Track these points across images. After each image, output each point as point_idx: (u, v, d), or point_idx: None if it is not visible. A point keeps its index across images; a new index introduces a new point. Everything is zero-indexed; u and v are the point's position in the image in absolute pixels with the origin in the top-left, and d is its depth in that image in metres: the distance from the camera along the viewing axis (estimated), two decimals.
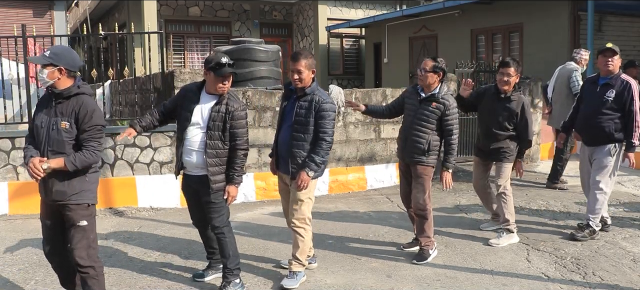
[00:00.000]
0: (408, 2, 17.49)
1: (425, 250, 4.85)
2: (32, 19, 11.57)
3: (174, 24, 16.49)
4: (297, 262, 4.33)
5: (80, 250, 3.49)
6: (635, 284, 4.31)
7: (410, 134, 4.80)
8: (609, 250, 5.05)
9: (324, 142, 4.15)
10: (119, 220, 6.31)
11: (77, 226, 3.49)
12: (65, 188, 3.45)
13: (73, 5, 17.36)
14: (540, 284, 4.32)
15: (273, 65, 8.49)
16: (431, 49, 14.30)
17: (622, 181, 7.87)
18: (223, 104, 3.99)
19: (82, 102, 3.46)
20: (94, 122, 3.45)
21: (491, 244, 5.23)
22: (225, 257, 4.15)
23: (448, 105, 4.71)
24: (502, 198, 5.34)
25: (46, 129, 3.46)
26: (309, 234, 4.35)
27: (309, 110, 4.15)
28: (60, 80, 3.45)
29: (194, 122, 4.02)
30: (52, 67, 3.44)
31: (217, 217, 4.11)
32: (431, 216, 4.90)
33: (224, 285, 4.14)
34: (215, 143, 3.99)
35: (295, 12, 18.01)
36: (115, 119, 9.05)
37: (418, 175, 4.83)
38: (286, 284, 4.26)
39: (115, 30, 9.06)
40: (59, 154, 3.41)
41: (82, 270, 3.51)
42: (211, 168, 3.99)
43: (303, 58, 4.16)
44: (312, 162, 4.14)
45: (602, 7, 10.80)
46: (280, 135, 4.36)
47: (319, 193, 7.58)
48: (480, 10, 12.54)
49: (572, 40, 10.78)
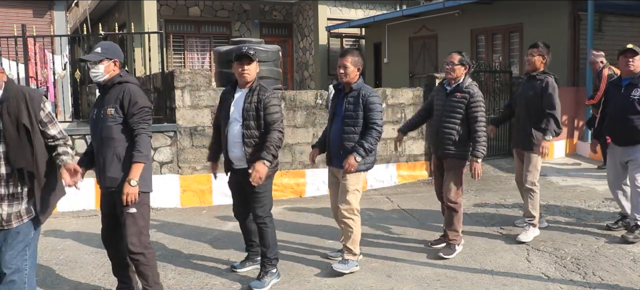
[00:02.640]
0: (408, 2, 17.48)
1: (452, 244, 4.96)
2: (32, 19, 11.56)
3: (174, 24, 16.48)
4: (349, 251, 4.52)
5: (132, 236, 3.65)
6: (635, 284, 4.31)
7: (440, 127, 4.93)
8: (609, 250, 5.05)
9: (373, 130, 4.35)
10: None
11: (128, 213, 3.63)
12: (117, 175, 3.61)
13: (73, 5, 17.34)
14: (540, 284, 4.32)
15: (273, 65, 8.48)
16: (431, 49, 14.29)
17: None
18: (254, 94, 4.18)
19: (125, 89, 3.63)
20: (140, 104, 3.61)
21: (521, 239, 5.27)
22: (265, 246, 4.31)
23: (472, 93, 4.82)
24: (529, 194, 5.38)
25: (96, 119, 3.69)
26: (358, 224, 4.53)
27: (357, 105, 4.38)
28: (114, 72, 3.67)
29: (231, 117, 4.24)
30: (107, 61, 3.65)
31: (259, 206, 4.27)
32: (461, 210, 5.00)
33: (261, 274, 4.30)
34: (252, 132, 4.17)
35: (295, 12, 18.00)
36: None
37: (449, 168, 4.93)
38: (336, 267, 4.47)
39: (115, 30, 9.07)
40: (109, 140, 3.60)
41: (133, 257, 3.69)
42: (251, 158, 4.14)
43: (350, 55, 4.47)
44: (360, 147, 4.32)
45: (602, 7, 10.78)
46: (331, 131, 4.59)
47: (319, 193, 7.59)
48: (480, 10, 12.53)
49: (572, 40, 10.77)
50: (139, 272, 3.75)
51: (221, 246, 5.34)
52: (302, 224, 6.10)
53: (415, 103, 8.35)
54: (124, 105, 3.58)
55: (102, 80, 3.66)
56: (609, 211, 6.35)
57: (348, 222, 4.47)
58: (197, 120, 7.16)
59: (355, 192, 4.46)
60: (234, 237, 5.58)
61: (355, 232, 4.50)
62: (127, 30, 13.69)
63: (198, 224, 6.15)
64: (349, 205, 4.45)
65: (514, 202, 6.85)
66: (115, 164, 3.61)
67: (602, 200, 6.83)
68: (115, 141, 3.60)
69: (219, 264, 4.81)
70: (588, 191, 7.38)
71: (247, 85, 4.24)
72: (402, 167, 8.34)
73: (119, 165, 3.61)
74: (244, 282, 4.39)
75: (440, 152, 4.99)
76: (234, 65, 4.26)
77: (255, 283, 4.27)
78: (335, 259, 4.80)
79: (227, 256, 5.01)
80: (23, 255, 3.16)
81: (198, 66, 16.45)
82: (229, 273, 4.60)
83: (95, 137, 3.72)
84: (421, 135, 8.50)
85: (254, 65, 4.24)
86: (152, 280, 3.78)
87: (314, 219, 6.27)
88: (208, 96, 7.18)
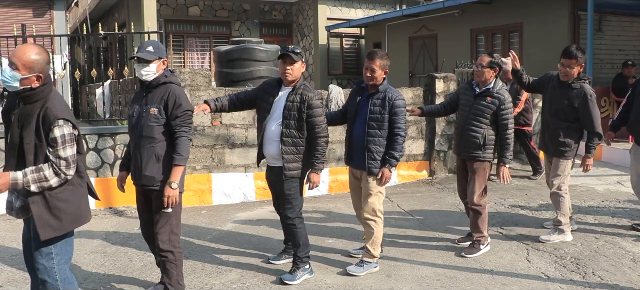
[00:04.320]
0: (408, 2, 17.48)
1: (477, 244, 4.98)
2: (32, 19, 11.56)
3: (174, 24, 16.48)
4: (368, 253, 4.56)
5: (163, 234, 3.75)
6: (635, 284, 4.31)
7: (466, 129, 4.90)
8: (609, 250, 5.05)
9: (399, 137, 4.39)
10: (119, 220, 6.31)
11: (162, 212, 3.72)
12: (155, 174, 3.69)
13: (73, 5, 17.36)
14: (540, 284, 4.32)
15: (273, 65, 8.49)
16: (431, 49, 14.29)
17: (622, 181, 7.87)
18: (298, 94, 4.20)
19: (170, 90, 3.68)
20: (184, 108, 3.67)
21: (542, 240, 5.24)
22: (297, 245, 4.40)
23: (503, 99, 4.79)
24: (556, 197, 5.29)
25: (137, 118, 3.74)
26: (381, 227, 4.57)
27: (384, 108, 4.39)
28: (161, 72, 3.73)
29: (272, 114, 4.26)
30: (158, 60, 3.72)
31: (289, 208, 4.32)
32: (486, 212, 5.01)
33: (293, 270, 4.39)
34: (291, 132, 4.20)
35: (295, 12, 18.00)
36: (115, 119, 9.04)
37: (474, 171, 4.93)
38: (352, 270, 4.51)
39: (115, 30, 9.07)
40: (149, 140, 3.67)
41: (162, 254, 3.80)
42: (286, 156, 4.19)
43: (378, 58, 4.43)
44: (392, 159, 4.40)
45: (602, 7, 10.78)
46: (354, 131, 4.56)
47: (319, 193, 7.59)
48: (480, 10, 12.54)
49: (572, 40, 10.77)
50: (165, 270, 3.86)
51: (221, 246, 5.34)
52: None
53: (415, 103, 8.35)
54: (169, 107, 3.64)
55: (151, 78, 3.70)
56: (609, 211, 6.36)
57: (370, 224, 4.52)
58: (197, 120, 7.15)
59: (379, 194, 4.49)
60: (234, 237, 5.58)
61: (377, 234, 4.54)
62: (127, 30, 13.68)
63: (198, 224, 6.15)
64: (372, 207, 4.48)
65: (514, 202, 6.85)
66: (152, 163, 3.69)
67: (602, 201, 6.83)
68: (155, 141, 3.68)
69: (219, 265, 4.81)
70: (588, 191, 7.38)
71: (291, 85, 4.27)
72: (402, 167, 8.34)
73: (157, 165, 3.68)
74: (244, 281, 4.39)
75: (464, 154, 4.99)
76: (279, 63, 4.28)
77: (286, 276, 4.37)
78: (357, 256, 4.84)
79: (227, 257, 5.00)
80: (48, 255, 3.10)
81: (198, 66, 16.45)
82: (228, 273, 4.60)
83: (135, 135, 3.77)
84: (421, 135, 8.50)
85: (298, 65, 4.24)
86: (176, 279, 3.89)
87: (316, 219, 6.27)
88: (208, 96, 7.18)
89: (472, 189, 4.93)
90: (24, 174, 2.91)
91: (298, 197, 4.34)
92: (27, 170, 2.92)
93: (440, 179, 8.32)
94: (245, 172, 7.33)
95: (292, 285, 4.29)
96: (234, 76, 8.21)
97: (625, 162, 8.87)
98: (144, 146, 3.69)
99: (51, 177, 2.93)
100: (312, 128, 4.19)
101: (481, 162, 4.89)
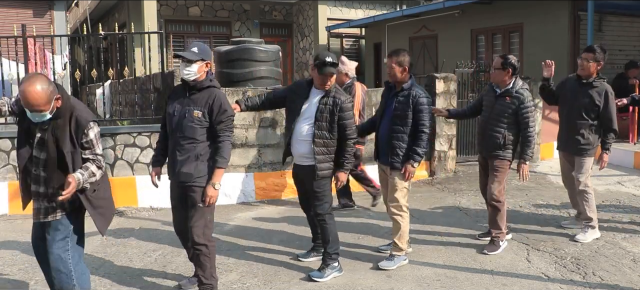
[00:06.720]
0: (408, 2, 17.49)
1: (496, 240, 5.06)
2: (32, 19, 11.56)
3: (174, 24, 16.49)
4: (396, 247, 4.68)
5: (198, 228, 3.85)
6: (635, 284, 4.31)
7: (487, 129, 5.05)
8: (609, 250, 5.06)
9: (423, 133, 4.48)
10: (119, 220, 6.31)
11: (198, 207, 3.81)
12: (192, 170, 3.79)
13: (73, 5, 17.36)
14: (540, 284, 4.32)
15: (273, 65, 8.48)
16: (431, 49, 14.30)
17: (622, 181, 7.87)
18: (330, 97, 4.30)
19: (215, 95, 3.79)
20: (228, 113, 3.80)
21: (578, 239, 5.28)
22: (326, 242, 4.47)
23: (522, 98, 4.89)
24: (583, 196, 5.36)
25: (178, 117, 3.81)
26: (407, 221, 4.69)
27: (407, 105, 4.49)
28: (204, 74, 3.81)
29: (302, 114, 4.34)
30: (201, 62, 3.78)
31: (320, 204, 4.41)
32: (504, 209, 5.10)
33: (322, 266, 4.46)
34: (323, 133, 4.29)
35: (295, 12, 18.00)
36: (115, 119, 9.04)
37: (494, 169, 5.04)
38: (383, 265, 4.64)
39: (115, 30, 9.06)
40: (189, 140, 3.78)
41: (196, 247, 3.89)
42: (318, 156, 4.29)
43: (395, 56, 4.58)
44: (415, 154, 4.49)
45: (602, 7, 10.79)
46: (380, 128, 4.70)
47: None
48: (480, 10, 12.54)
49: (572, 40, 10.78)
50: (199, 262, 3.95)
51: (221, 246, 5.34)
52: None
53: None
54: (213, 112, 3.75)
55: (192, 79, 3.78)
56: (609, 211, 6.36)
57: (396, 218, 4.65)
58: None
59: (404, 189, 4.61)
60: (235, 237, 5.58)
61: (403, 228, 4.66)
62: (127, 30, 13.68)
63: None
64: (397, 202, 4.61)
65: (514, 201, 6.85)
66: (191, 161, 3.79)
67: (602, 201, 6.83)
68: (196, 141, 3.78)
69: (219, 265, 4.80)
70: None
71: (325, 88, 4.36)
72: None
73: (195, 163, 3.79)
74: (244, 281, 4.38)
75: (485, 153, 5.14)
76: (315, 71, 4.29)
77: (315, 273, 4.43)
78: (386, 251, 4.90)
79: (228, 257, 5.00)
80: (64, 245, 3.38)
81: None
82: (228, 273, 4.60)
83: (175, 133, 3.85)
84: None
85: (335, 75, 4.33)
86: (209, 272, 3.97)
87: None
88: None
89: (491, 183, 5.05)
90: (81, 174, 3.22)
91: (328, 194, 4.44)
92: (77, 172, 3.23)
93: (440, 179, 8.32)
94: (245, 172, 7.32)
95: (319, 282, 4.36)
96: (234, 76, 8.20)
97: (626, 162, 8.89)
98: (183, 145, 3.80)
99: (96, 171, 3.32)
100: (343, 130, 4.30)
101: (501, 160, 5.01)
